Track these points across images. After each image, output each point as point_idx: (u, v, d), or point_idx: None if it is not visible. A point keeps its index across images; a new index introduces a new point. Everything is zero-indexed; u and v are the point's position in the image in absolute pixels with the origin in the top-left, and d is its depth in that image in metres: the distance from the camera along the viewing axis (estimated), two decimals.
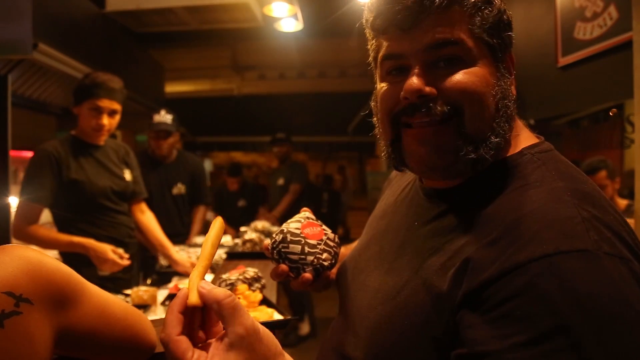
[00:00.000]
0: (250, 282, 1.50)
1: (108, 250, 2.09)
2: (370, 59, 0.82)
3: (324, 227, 0.98)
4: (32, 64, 2.93)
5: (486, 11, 0.71)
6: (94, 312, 0.78)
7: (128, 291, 1.98)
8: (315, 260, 0.93)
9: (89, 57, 3.44)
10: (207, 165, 16.02)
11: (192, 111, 8.42)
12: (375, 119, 0.82)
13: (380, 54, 0.76)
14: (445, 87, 0.70)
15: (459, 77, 0.69)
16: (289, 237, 0.93)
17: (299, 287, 0.96)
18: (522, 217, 0.63)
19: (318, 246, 0.94)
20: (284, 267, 0.92)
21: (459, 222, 0.71)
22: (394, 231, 0.86)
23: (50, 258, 0.73)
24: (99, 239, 2.19)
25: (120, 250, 2.15)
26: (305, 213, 1.00)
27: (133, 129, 5.83)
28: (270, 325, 1.24)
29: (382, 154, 0.82)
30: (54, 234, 2.18)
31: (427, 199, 0.81)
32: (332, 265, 0.97)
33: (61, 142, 2.28)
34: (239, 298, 1.32)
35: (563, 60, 2.79)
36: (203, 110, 8.95)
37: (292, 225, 0.95)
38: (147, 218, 2.61)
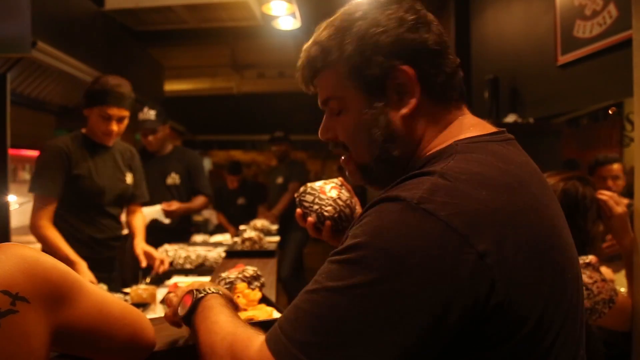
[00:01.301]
0: (250, 281, 1.50)
1: (86, 279, 2.07)
2: None
3: (343, 191, 1.21)
4: (31, 62, 2.93)
5: (343, 64, 0.83)
6: (92, 310, 0.78)
7: (127, 290, 1.98)
8: (319, 209, 1.18)
9: (88, 55, 3.43)
10: (207, 163, 16.01)
11: (191, 110, 8.41)
12: None
13: None
14: (339, 133, 0.90)
15: (340, 127, 0.89)
16: (308, 189, 1.21)
17: (310, 230, 1.22)
18: (393, 184, 0.75)
19: (326, 200, 1.17)
20: (299, 210, 1.22)
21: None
22: None
23: (47, 256, 0.73)
24: (81, 235, 2.33)
25: (101, 285, 2.17)
26: (336, 179, 1.25)
27: (132, 128, 5.81)
28: (269, 323, 1.24)
29: None
30: (58, 241, 2.18)
31: None
32: (334, 219, 1.17)
33: (72, 139, 2.35)
34: (238, 297, 1.32)
35: (562, 59, 2.79)
36: (202, 109, 8.93)
37: (317, 183, 1.22)
38: (134, 217, 2.65)
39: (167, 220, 3.12)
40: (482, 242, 0.63)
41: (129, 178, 2.53)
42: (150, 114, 3.34)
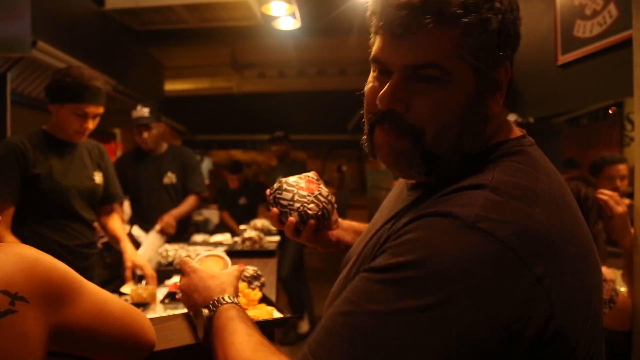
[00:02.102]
0: (250, 281, 1.50)
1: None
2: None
3: (322, 186, 1.10)
4: (31, 62, 2.93)
5: (481, 34, 0.68)
6: (91, 310, 0.78)
7: (125, 290, 1.98)
8: (302, 207, 1.05)
9: (88, 55, 3.43)
10: (207, 163, 16.02)
11: (191, 109, 8.41)
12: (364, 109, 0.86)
13: (371, 54, 0.78)
14: (414, 108, 0.72)
15: (429, 101, 0.71)
16: (284, 186, 1.07)
17: (288, 232, 1.08)
18: (439, 196, 0.69)
19: (307, 197, 1.06)
20: (275, 210, 1.07)
21: (412, 209, 0.76)
22: (379, 223, 0.89)
23: (47, 256, 0.73)
24: (50, 243, 2.08)
25: None
26: (310, 173, 1.12)
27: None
28: (269, 323, 1.24)
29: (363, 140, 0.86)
30: None
31: (407, 194, 0.85)
32: (318, 217, 1.06)
33: (29, 136, 2.11)
34: (238, 296, 1.32)
35: (563, 59, 2.79)
36: (202, 109, 8.93)
37: (292, 178, 1.09)
38: (112, 220, 2.46)
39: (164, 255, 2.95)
40: (539, 264, 0.59)
41: (97, 177, 2.31)
42: (144, 111, 3.32)
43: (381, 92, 0.73)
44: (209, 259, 1.17)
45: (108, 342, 0.82)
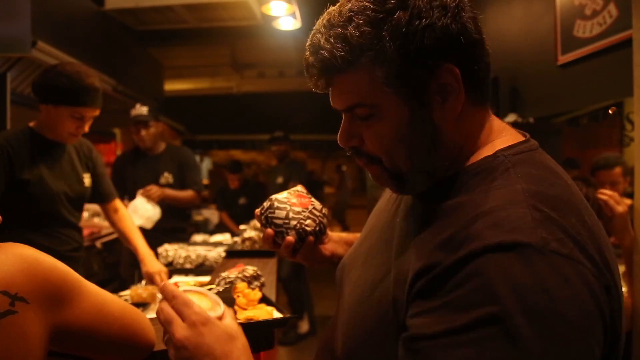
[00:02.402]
0: (250, 281, 1.50)
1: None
2: None
3: (313, 199, 1.05)
4: (31, 62, 2.92)
5: (388, 62, 0.68)
6: (91, 310, 0.78)
7: (124, 293, 1.98)
8: (299, 225, 0.99)
9: (88, 55, 3.43)
10: (207, 163, 16.02)
11: (191, 109, 8.42)
12: None
13: None
14: (366, 141, 0.76)
15: (372, 136, 0.74)
16: (275, 204, 1.01)
17: (284, 253, 1.02)
18: (474, 217, 0.63)
19: (302, 213, 1.00)
20: (269, 231, 0.99)
21: (425, 222, 0.72)
22: (382, 227, 0.87)
23: (46, 256, 0.73)
24: (41, 250, 1.96)
25: None
26: (297, 187, 1.06)
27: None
28: (269, 323, 1.24)
29: None
30: None
31: (411, 197, 0.83)
32: (316, 233, 1.01)
33: (16, 136, 1.98)
34: (238, 296, 1.32)
35: (563, 59, 2.79)
36: (202, 109, 8.94)
37: (281, 195, 1.03)
38: (120, 217, 2.40)
39: (149, 226, 2.97)
40: (604, 275, 0.59)
41: (87, 179, 2.21)
42: (143, 109, 3.32)
43: (338, 134, 0.79)
44: (189, 296, 0.78)
45: (108, 342, 0.82)
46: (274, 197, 1.02)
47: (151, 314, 1.73)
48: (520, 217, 0.60)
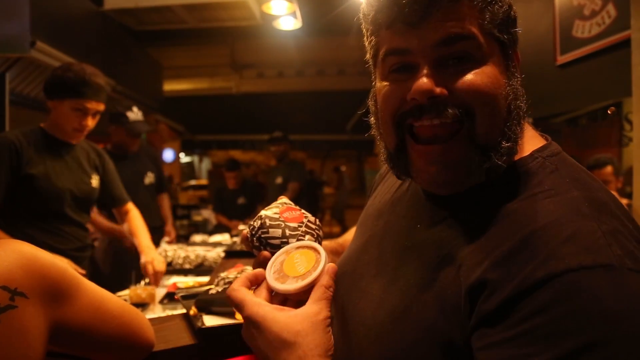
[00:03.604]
0: None
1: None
2: (369, 56, 0.76)
3: (303, 211, 0.94)
4: (30, 62, 2.93)
5: (496, 6, 0.65)
6: (89, 307, 0.78)
7: (122, 293, 1.97)
8: (298, 242, 0.87)
9: (87, 55, 3.43)
10: (206, 163, 16.03)
11: (190, 109, 8.42)
12: (372, 119, 0.77)
13: (382, 50, 0.70)
14: (457, 88, 0.64)
15: (471, 77, 0.64)
16: (267, 222, 0.87)
17: None
18: (539, 230, 0.58)
19: (299, 228, 0.88)
20: (266, 253, 0.82)
21: (467, 230, 0.66)
22: (394, 234, 0.81)
23: (45, 253, 0.73)
24: (43, 247, 1.93)
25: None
26: (283, 199, 0.96)
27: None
28: None
29: (381, 157, 0.77)
30: None
31: (429, 201, 0.76)
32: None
33: (25, 134, 2.02)
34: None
35: (561, 59, 2.79)
36: (201, 109, 8.95)
37: (270, 211, 0.90)
38: (130, 217, 2.42)
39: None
40: None
41: (94, 181, 2.23)
42: (139, 114, 3.26)
43: (416, 83, 0.64)
44: (298, 253, 0.81)
45: (106, 340, 0.82)
46: (263, 214, 0.89)
47: (150, 315, 1.73)
48: (592, 232, 0.57)
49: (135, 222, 2.41)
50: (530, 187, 0.65)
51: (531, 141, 0.72)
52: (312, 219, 0.92)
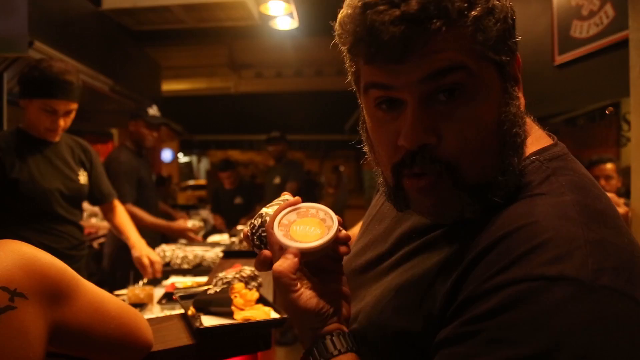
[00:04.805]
0: (247, 281, 1.49)
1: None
2: (350, 79, 0.70)
3: None
4: (28, 62, 2.91)
5: (489, 23, 0.58)
6: (88, 308, 0.78)
7: (120, 292, 1.97)
8: None
9: (85, 55, 3.43)
10: (204, 163, 16.01)
11: (188, 109, 8.42)
12: (366, 148, 0.73)
13: (363, 83, 0.64)
14: (446, 137, 0.59)
15: (461, 125, 0.59)
16: (268, 220, 0.81)
17: (289, 272, 0.82)
18: (513, 232, 0.56)
19: None
20: (267, 252, 0.76)
21: (455, 233, 0.65)
22: (393, 238, 0.80)
23: (44, 253, 0.73)
24: (38, 247, 1.97)
25: None
26: (285, 195, 0.89)
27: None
28: (266, 323, 1.24)
29: (380, 188, 0.74)
30: None
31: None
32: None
33: (4, 137, 1.97)
34: (235, 297, 1.32)
35: (559, 59, 2.79)
36: (200, 109, 8.95)
37: (271, 208, 0.84)
38: (116, 213, 2.39)
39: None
40: None
41: (82, 177, 2.17)
42: (157, 111, 3.42)
43: (405, 130, 0.59)
44: (302, 222, 0.77)
45: (105, 341, 0.82)
46: (263, 212, 0.83)
47: (149, 315, 1.73)
48: (571, 240, 0.53)
49: (123, 218, 2.39)
50: (523, 190, 0.62)
51: (536, 143, 0.68)
52: None
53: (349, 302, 0.74)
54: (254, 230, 0.82)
